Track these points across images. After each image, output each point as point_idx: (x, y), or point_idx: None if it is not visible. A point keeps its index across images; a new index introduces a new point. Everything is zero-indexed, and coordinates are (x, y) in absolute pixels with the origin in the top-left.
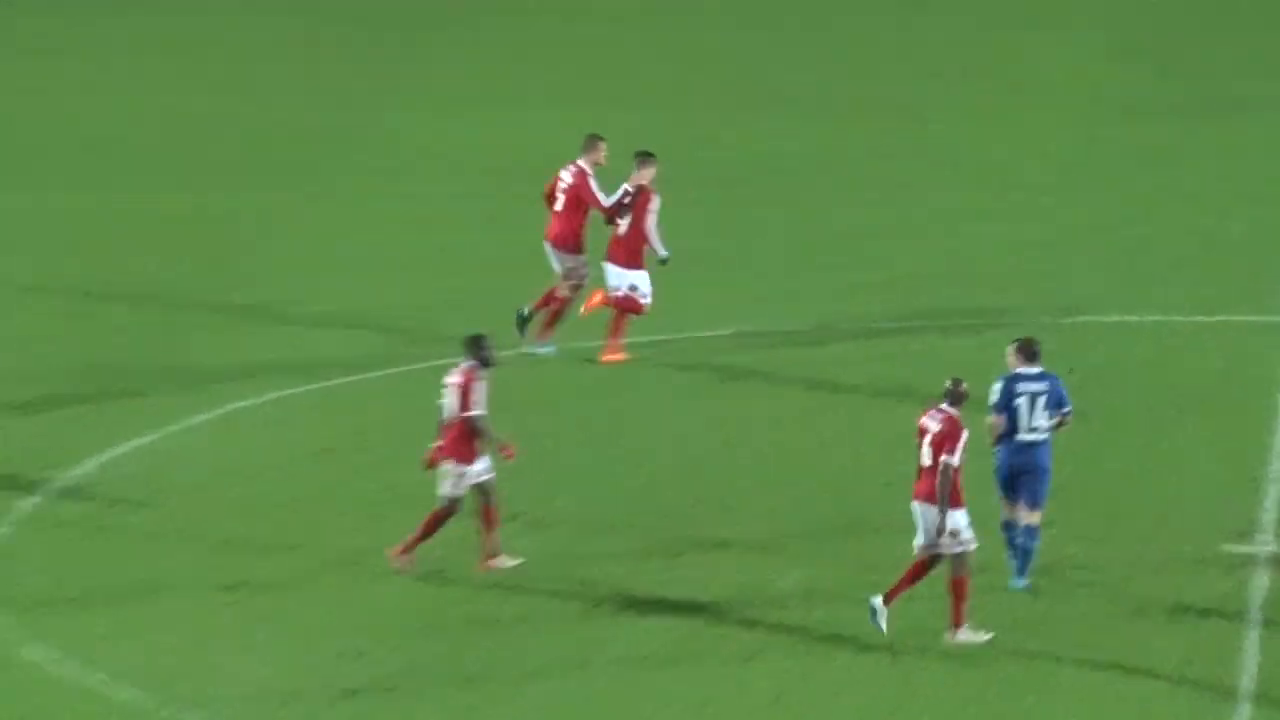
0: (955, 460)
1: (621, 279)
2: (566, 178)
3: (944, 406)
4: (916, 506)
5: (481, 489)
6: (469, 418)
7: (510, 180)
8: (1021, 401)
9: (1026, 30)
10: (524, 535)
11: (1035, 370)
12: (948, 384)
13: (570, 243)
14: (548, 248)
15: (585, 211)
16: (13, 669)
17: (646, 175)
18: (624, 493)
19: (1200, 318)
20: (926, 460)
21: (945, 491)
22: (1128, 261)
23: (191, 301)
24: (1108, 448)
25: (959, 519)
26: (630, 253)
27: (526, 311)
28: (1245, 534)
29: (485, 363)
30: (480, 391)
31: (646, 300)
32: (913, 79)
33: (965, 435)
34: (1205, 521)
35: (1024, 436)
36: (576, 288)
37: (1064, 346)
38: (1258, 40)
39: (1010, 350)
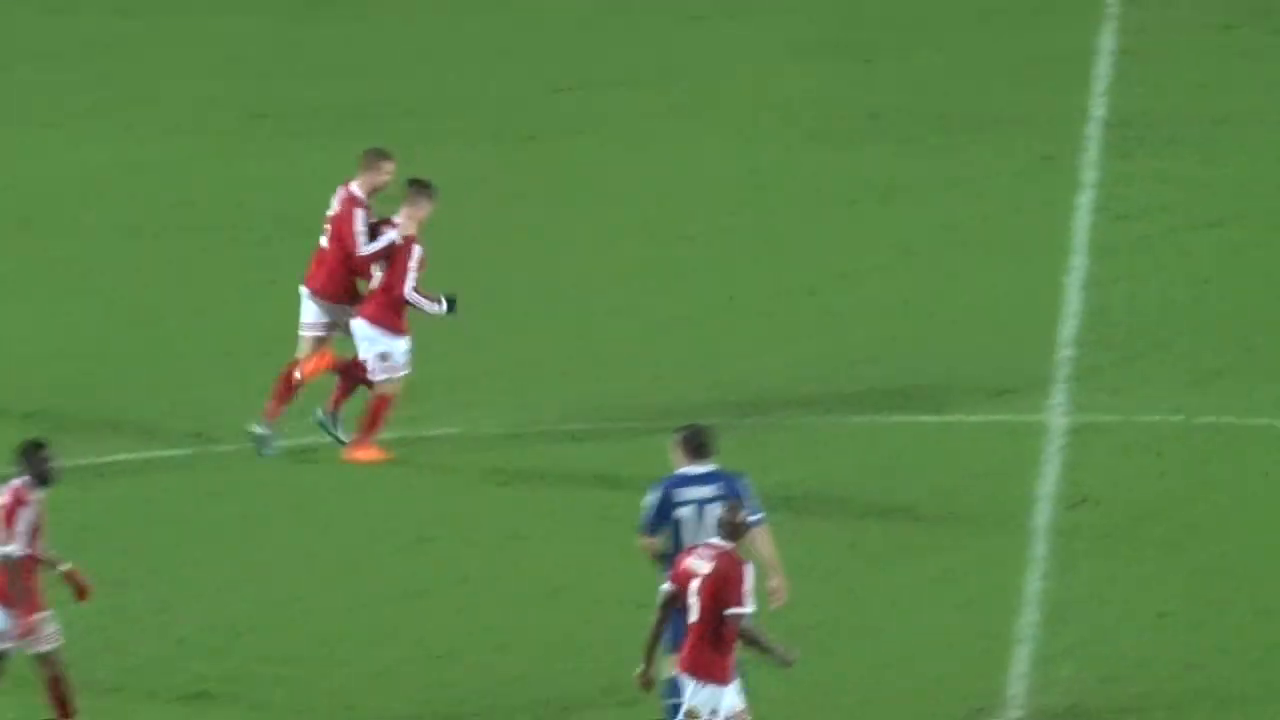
0: (748, 608)
1: (372, 343)
2: (334, 204)
3: (715, 541)
4: (686, 682)
5: (43, 659)
6: (10, 554)
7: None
8: (685, 512)
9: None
10: None
11: (704, 469)
12: (722, 512)
13: (333, 290)
14: (305, 296)
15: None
16: None
17: (417, 215)
18: None
19: (929, 417)
20: (695, 615)
21: (763, 646)
22: (815, 346)
23: None
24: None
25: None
26: (384, 310)
27: (322, 413)
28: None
29: (42, 479)
30: (29, 517)
31: (397, 375)
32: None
33: (751, 575)
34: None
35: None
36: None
37: (750, 457)
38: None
39: (673, 443)
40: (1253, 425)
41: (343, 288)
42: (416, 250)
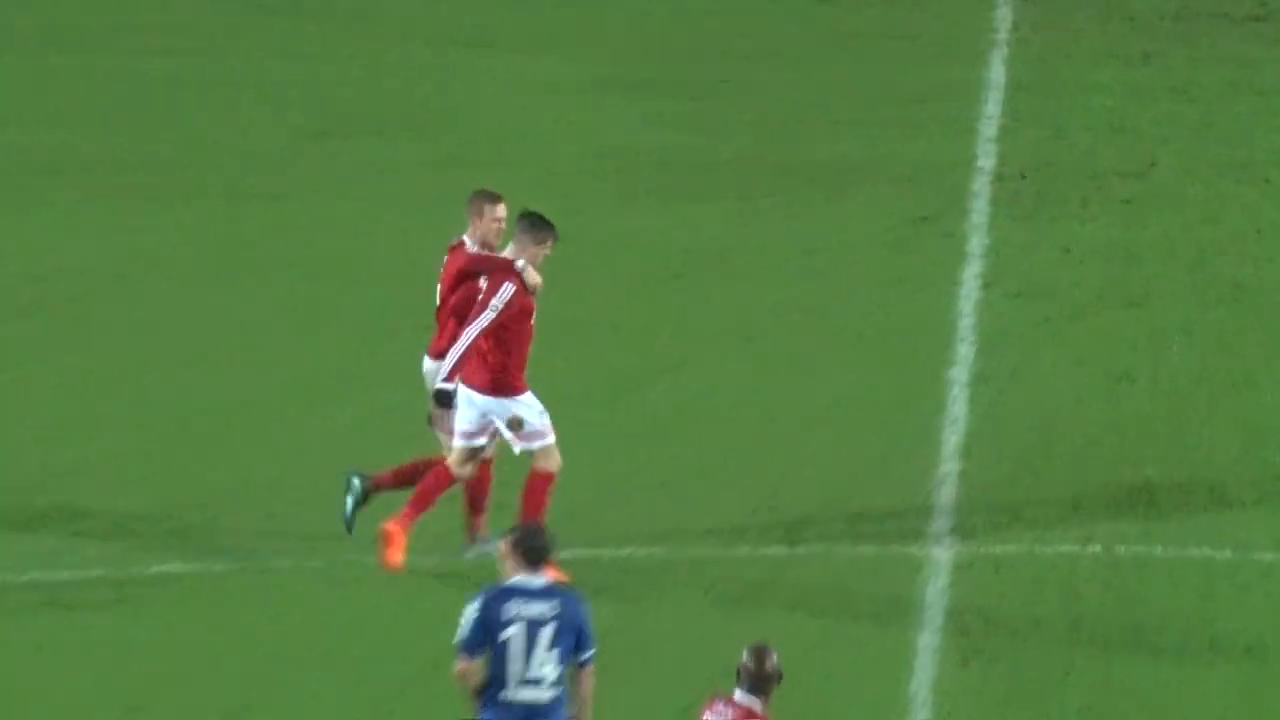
0: None
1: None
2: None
3: (737, 698)
4: None
5: None
6: None
7: None
8: (512, 634)
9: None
10: None
11: (539, 583)
12: (745, 658)
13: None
14: (428, 367)
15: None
16: None
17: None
18: None
19: (778, 549)
20: None
21: None
22: (631, 459)
23: None
24: None
25: None
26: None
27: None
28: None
29: None
30: None
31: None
32: None
33: None
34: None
35: (516, 693)
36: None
37: None
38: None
39: (503, 547)
40: (1187, 558)
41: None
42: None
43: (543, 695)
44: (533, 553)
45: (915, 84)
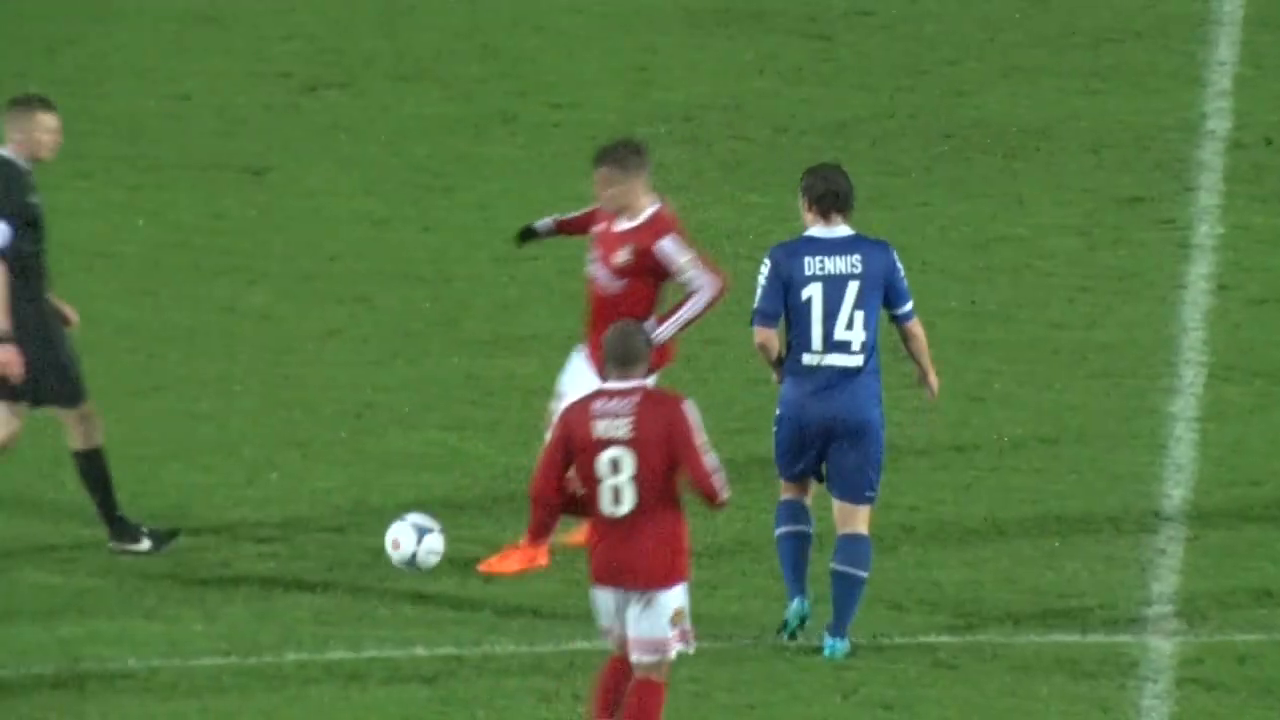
0: None
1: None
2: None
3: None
4: None
5: None
6: None
7: None
8: (812, 292)
9: None
10: None
11: (839, 233)
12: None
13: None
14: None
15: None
16: None
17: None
18: None
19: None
20: None
21: None
22: None
23: None
24: None
25: None
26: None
27: None
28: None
29: None
30: None
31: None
32: None
33: None
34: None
35: (821, 359)
36: None
37: None
38: None
39: (804, 188)
40: None
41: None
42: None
43: (852, 361)
44: (831, 199)
45: (1116, 19)
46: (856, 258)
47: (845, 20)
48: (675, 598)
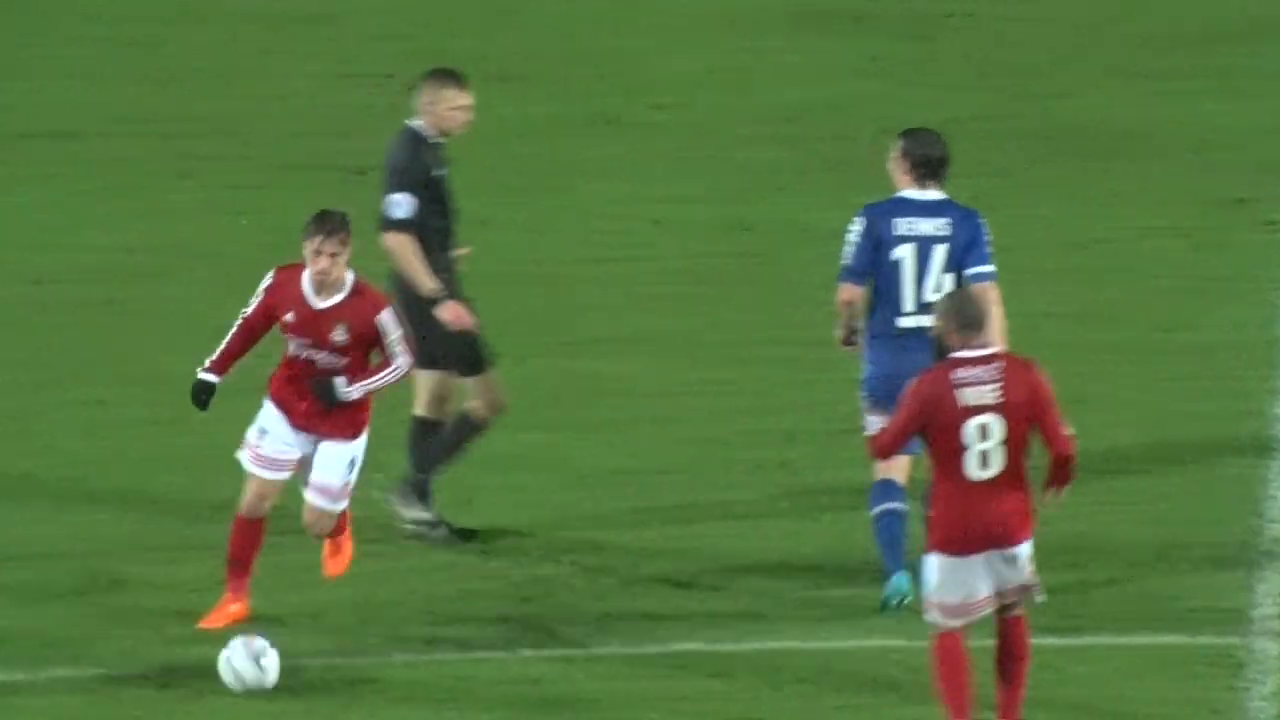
0: None
1: None
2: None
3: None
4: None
5: None
6: None
7: None
8: (903, 253)
9: None
10: None
11: (933, 196)
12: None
13: None
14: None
15: None
16: None
17: None
18: None
19: None
20: None
21: None
22: None
23: None
24: None
25: None
26: None
27: None
28: None
29: None
30: None
31: None
32: None
33: None
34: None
35: (908, 320)
36: None
37: None
38: None
39: (895, 153)
40: None
41: None
42: None
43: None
44: (926, 163)
45: (1218, 20)
46: (945, 221)
47: (947, 22)
48: (1029, 548)
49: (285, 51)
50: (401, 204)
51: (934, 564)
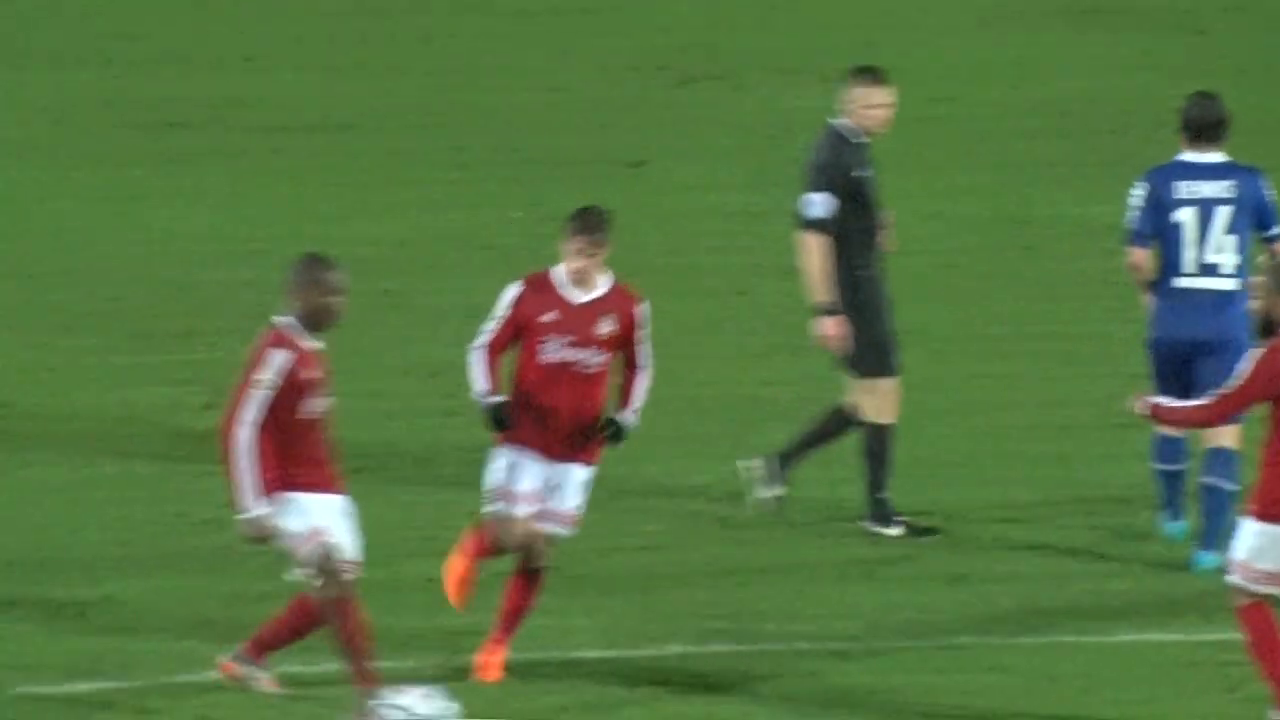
0: None
1: None
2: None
3: None
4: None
5: None
6: None
7: None
8: (1185, 216)
9: None
10: None
11: (1213, 159)
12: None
13: None
14: None
15: None
16: None
17: None
18: None
19: None
20: None
21: None
22: None
23: None
24: None
25: None
26: None
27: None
28: None
29: None
30: None
31: None
32: None
33: None
34: None
35: (1192, 281)
36: None
37: None
38: None
39: (1182, 113)
40: None
41: None
42: None
43: (1222, 284)
44: (1202, 126)
45: None
46: (1229, 183)
47: (1223, 16)
48: None
49: (558, 44)
50: (817, 203)
51: (1251, 530)
